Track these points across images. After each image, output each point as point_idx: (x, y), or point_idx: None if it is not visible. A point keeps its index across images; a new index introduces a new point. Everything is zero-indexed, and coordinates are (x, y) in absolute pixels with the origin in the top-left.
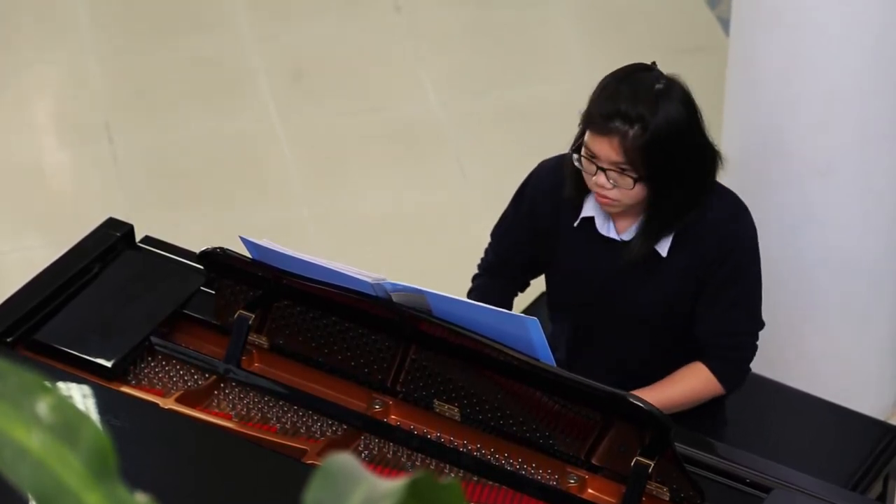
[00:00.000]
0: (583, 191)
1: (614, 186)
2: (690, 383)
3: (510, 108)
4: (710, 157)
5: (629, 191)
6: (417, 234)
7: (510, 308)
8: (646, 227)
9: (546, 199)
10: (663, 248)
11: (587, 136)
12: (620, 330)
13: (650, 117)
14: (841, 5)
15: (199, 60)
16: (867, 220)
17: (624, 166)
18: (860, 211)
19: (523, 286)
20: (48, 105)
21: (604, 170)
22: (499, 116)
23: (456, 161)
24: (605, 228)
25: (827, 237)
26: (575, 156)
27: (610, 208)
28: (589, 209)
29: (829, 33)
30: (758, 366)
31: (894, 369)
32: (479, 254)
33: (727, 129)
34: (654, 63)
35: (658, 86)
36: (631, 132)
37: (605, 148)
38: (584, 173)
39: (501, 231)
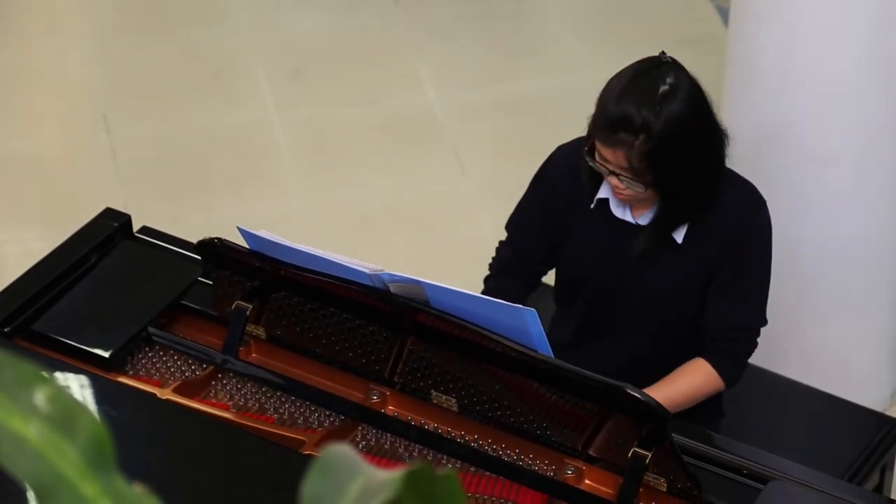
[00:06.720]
0: (598, 177)
1: (628, 187)
2: (692, 380)
3: (508, 101)
4: (721, 143)
5: (643, 192)
6: (415, 226)
7: None
8: (661, 219)
9: (566, 177)
10: (679, 234)
11: (596, 142)
12: (629, 318)
13: (655, 123)
14: None
15: (197, 52)
16: (865, 212)
17: (633, 173)
18: (858, 202)
19: (535, 285)
20: (46, 96)
21: (615, 173)
22: (497, 109)
23: (453, 154)
24: (621, 211)
25: (825, 228)
26: (588, 158)
27: (628, 201)
28: (605, 191)
29: (829, 24)
30: (755, 357)
31: (892, 361)
32: (476, 245)
33: (726, 121)
34: (662, 53)
35: (663, 87)
36: (636, 142)
37: (612, 157)
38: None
39: (517, 220)
